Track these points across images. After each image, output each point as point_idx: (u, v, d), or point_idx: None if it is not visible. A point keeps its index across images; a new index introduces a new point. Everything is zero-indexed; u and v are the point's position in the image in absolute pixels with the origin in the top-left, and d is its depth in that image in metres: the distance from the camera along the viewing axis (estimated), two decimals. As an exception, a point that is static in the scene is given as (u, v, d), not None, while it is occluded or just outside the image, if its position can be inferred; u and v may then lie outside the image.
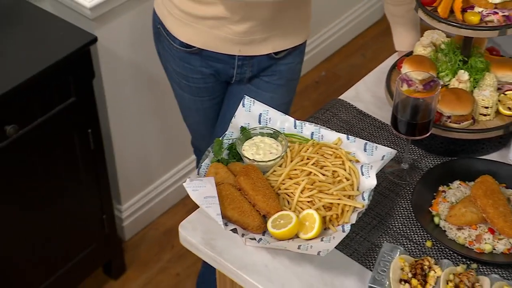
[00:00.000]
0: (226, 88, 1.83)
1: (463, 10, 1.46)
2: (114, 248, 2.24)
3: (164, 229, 2.46)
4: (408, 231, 1.41)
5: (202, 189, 1.33)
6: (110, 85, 2.11)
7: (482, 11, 1.44)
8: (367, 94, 1.73)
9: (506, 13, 1.43)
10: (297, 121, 1.51)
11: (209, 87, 1.80)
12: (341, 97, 1.74)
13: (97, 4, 1.93)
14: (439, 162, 1.53)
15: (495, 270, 1.33)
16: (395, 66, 1.68)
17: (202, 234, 1.41)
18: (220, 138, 1.47)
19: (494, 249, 1.35)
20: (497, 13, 1.43)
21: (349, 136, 1.47)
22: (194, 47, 1.70)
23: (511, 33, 1.44)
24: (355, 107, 1.70)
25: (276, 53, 1.72)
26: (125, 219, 2.40)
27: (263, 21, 1.63)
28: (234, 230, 1.32)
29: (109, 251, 2.22)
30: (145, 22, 1.93)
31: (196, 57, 1.73)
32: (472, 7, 1.45)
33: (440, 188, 1.47)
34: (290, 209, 1.37)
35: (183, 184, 1.35)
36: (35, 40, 1.83)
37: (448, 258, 1.35)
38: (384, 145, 1.48)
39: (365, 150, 1.45)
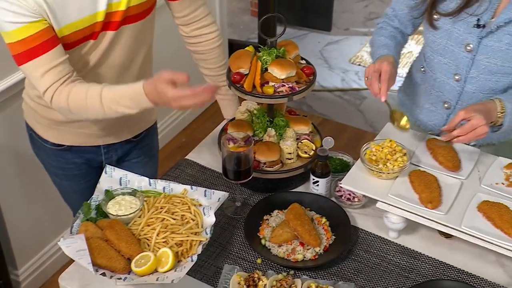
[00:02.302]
0: (99, 171, 1.74)
1: (262, 85, 1.55)
2: (13, 308, 2.12)
3: (58, 286, 2.35)
4: (244, 253, 1.46)
5: (74, 245, 1.32)
6: (-6, 172, 2.03)
7: (275, 84, 1.54)
8: (206, 153, 1.79)
9: (290, 85, 1.55)
10: (151, 179, 1.53)
11: (83, 173, 1.75)
12: (187, 157, 1.78)
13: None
14: (262, 198, 1.58)
15: (307, 272, 1.40)
16: (223, 129, 1.75)
17: (79, 281, 1.39)
18: (88, 201, 1.47)
19: (305, 257, 1.42)
20: (284, 85, 1.54)
21: (193, 186, 1.51)
22: (64, 145, 1.67)
23: (297, 99, 1.53)
24: (198, 163, 1.75)
25: (134, 137, 1.74)
26: (23, 281, 2.27)
27: (117, 117, 1.64)
28: (103, 274, 1.31)
29: (9, 312, 2.10)
30: (19, 119, 1.83)
31: (68, 152, 1.69)
32: (267, 82, 1.55)
33: (265, 217, 1.52)
34: (150, 250, 1.37)
35: (58, 243, 1.33)
36: None
37: (273, 269, 1.41)
38: (222, 190, 1.52)
39: (205, 195, 1.49)
